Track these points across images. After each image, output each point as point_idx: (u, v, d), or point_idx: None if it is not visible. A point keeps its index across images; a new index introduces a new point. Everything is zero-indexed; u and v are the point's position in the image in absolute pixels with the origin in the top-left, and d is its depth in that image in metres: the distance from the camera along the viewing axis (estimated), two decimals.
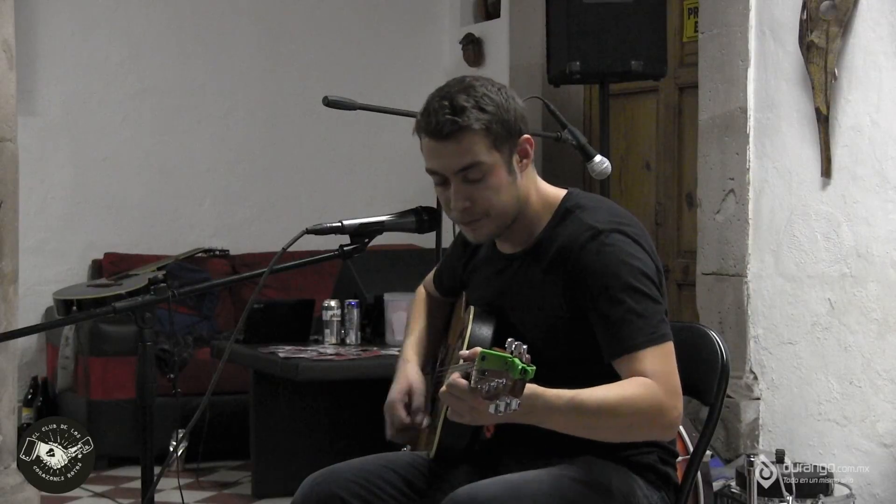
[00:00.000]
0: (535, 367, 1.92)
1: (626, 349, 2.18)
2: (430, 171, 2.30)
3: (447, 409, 2.16)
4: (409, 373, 2.53)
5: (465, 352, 2.03)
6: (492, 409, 1.94)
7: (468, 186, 2.27)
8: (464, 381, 1.98)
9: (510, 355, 1.92)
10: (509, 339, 1.95)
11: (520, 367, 1.91)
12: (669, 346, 2.21)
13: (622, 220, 2.30)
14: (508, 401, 1.93)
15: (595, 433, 2.18)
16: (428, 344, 2.63)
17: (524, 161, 2.31)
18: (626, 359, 2.18)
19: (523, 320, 2.32)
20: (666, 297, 2.32)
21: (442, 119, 2.23)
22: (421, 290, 2.73)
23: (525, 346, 1.94)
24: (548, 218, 2.34)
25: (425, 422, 2.48)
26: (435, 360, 2.64)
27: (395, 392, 2.49)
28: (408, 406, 2.48)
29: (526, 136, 2.30)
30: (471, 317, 2.34)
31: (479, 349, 1.96)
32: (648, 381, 2.14)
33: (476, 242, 2.45)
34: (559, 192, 2.37)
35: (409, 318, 2.69)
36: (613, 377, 2.18)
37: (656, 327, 2.19)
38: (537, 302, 2.31)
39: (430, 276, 2.71)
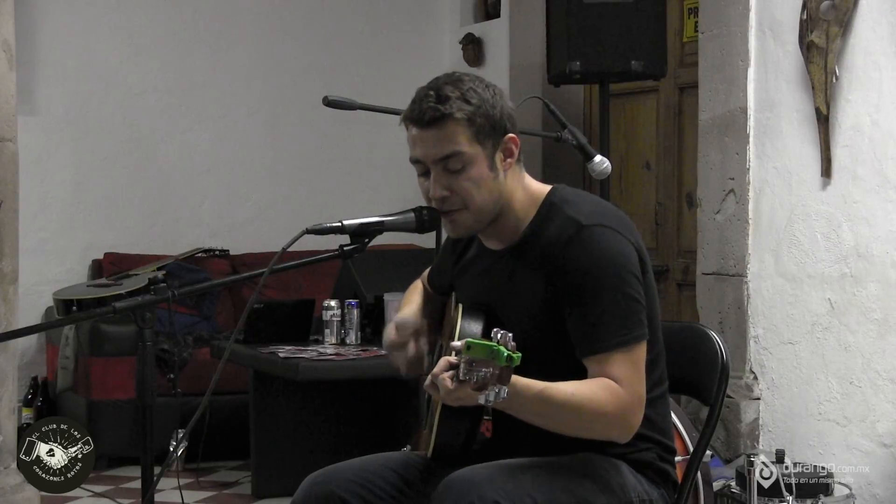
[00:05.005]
0: (520, 354, 1.94)
1: (596, 350, 2.22)
2: (413, 161, 2.32)
3: (441, 408, 2.16)
4: (412, 311, 2.57)
5: (455, 343, 2.05)
6: (481, 399, 1.95)
7: (448, 176, 2.29)
8: (450, 378, 2.00)
9: (496, 344, 1.93)
10: (495, 329, 1.96)
11: (505, 354, 1.92)
12: (640, 349, 2.25)
13: (606, 212, 2.32)
14: (497, 389, 1.95)
15: (555, 425, 2.21)
16: (426, 309, 2.62)
17: (508, 160, 2.32)
18: (595, 359, 2.22)
19: (511, 316, 2.33)
20: (653, 287, 2.34)
21: (425, 106, 2.26)
22: (418, 281, 2.75)
23: (510, 335, 1.95)
24: (533, 213, 2.35)
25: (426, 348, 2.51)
26: (431, 349, 2.64)
27: (403, 313, 2.55)
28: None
29: (511, 135, 2.31)
30: (459, 314, 2.34)
31: (465, 340, 1.97)
32: (615, 387, 2.19)
33: (454, 236, 2.46)
34: (544, 188, 2.39)
35: (405, 298, 2.70)
36: None
37: (630, 329, 2.22)
38: (524, 297, 2.33)
39: (426, 272, 2.73)
